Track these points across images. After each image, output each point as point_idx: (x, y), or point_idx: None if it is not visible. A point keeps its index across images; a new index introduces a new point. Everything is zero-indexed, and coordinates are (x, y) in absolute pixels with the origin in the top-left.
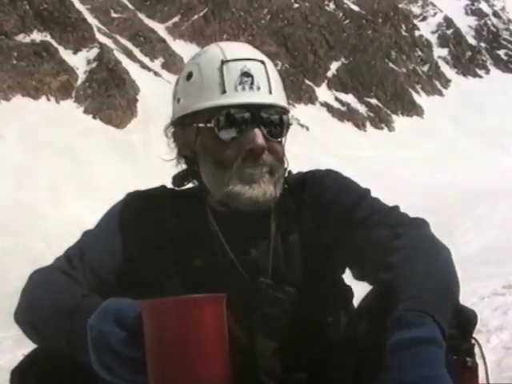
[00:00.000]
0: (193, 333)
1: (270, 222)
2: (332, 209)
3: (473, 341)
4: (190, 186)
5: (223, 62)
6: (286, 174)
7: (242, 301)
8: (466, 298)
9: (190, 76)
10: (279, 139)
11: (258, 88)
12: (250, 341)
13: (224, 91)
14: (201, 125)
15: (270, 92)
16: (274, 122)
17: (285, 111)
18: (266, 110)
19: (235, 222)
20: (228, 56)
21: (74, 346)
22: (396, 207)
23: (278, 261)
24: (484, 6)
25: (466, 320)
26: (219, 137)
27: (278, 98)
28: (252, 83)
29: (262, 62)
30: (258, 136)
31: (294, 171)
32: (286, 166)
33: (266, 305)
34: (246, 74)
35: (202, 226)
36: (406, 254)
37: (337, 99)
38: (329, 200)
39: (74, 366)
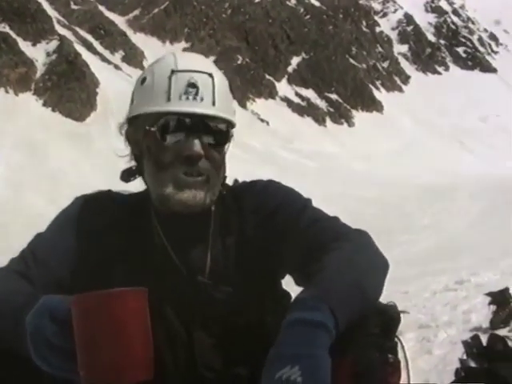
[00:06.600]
0: (113, 324)
1: (210, 224)
2: (276, 216)
3: (396, 339)
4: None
5: (173, 72)
6: (232, 183)
7: (181, 298)
8: (418, 294)
9: (143, 81)
10: (219, 148)
11: (202, 99)
12: (189, 336)
13: (169, 99)
14: (147, 127)
15: (214, 104)
16: (215, 132)
17: (229, 123)
18: (209, 120)
19: (176, 223)
20: (179, 66)
21: (20, 343)
22: (336, 218)
23: (216, 262)
24: (444, 4)
25: (389, 319)
26: (161, 141)
27: (222, 110)
28: (196, 94)
29: (210, 75)
30: (196, 144)
31: (254, 165)
32: (223, 174)
33: (203, 303)
34: (192, 85)
35: (147, 227)
36: (337, 257)
37: (297, 94)
38: (273, 208)
39: (23, 364)
